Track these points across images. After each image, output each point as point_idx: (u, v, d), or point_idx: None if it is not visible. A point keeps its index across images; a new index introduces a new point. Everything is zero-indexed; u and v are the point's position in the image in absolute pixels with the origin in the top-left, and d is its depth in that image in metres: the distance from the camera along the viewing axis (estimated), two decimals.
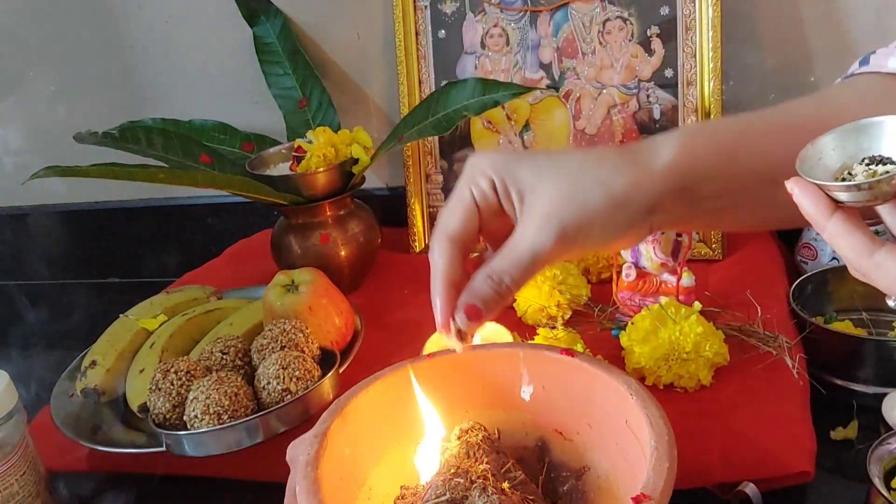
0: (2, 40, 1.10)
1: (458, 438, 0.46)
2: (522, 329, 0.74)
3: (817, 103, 0.47)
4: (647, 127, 0.88)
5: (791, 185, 0.37)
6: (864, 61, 0.49)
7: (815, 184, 0.37)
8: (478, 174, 0.42)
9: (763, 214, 0.46)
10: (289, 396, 0.57)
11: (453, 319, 0.42)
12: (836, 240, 0.37)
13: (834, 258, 0.77)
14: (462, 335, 0.43)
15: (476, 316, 0.42)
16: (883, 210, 0.37)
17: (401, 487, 0.46)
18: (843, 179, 0.37)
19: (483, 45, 0.91)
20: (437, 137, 0.94)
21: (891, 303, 0.37)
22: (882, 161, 0.36)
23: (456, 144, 0.95)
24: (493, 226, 0.44)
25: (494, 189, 0.42)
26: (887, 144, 0.37)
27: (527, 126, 0.92)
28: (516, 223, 0.42)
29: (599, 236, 0.42)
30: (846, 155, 0.38)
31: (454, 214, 0.43)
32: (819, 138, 0.38)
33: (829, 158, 0.38)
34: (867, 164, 0.36)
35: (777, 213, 0.41)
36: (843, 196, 0.36)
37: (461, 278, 0.43)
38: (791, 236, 0.84)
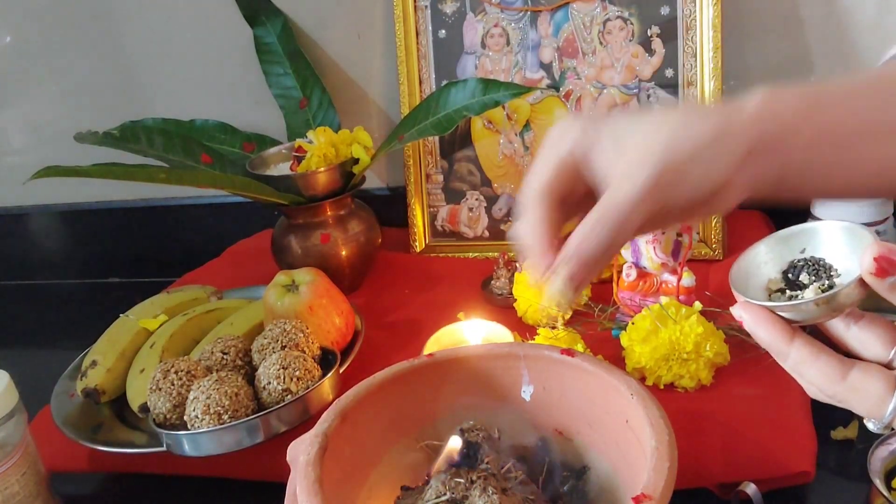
0: (2, 40, 1.10)
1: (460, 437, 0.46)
2: (522, 329, 0.74)
3: (880, 74, 0.42)
4: None
5: (739, 312, 0.35)
6: None
7: (766, 306, 0.34)
8: (566, 129, 0.39)
9: (856, 175, 0.40)
10: (289, 396, 0.57)
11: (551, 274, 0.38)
12: (802, 367, 0.34)
13: None
14: (565, 295, 0.38)
15: (584, 280, 0.38)
16: (837, 328, 0.34)
17: (401, 487, 0.46)
18: (783, 291, 0.35)
19: (483, 45, 0.91)
20: (437, 137, 0.94)
21: (871, 425, 0.35)
22: (818, 263, 0.35)
23: (456, 144, 0.95)
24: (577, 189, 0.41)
25: (583, 140, 0.39)
26: (823, 249, 0.35)
27: (527, 126, 0.92)
28: (609, 175, 0.38)
29: (697, 181, 0.37)
30: (782, 263, 0.36)
31: (544, 168, 0.39)
32: (749, 250, 0.37)
33: (762, 273, 0.36)
34: (808, 272, 0.35)
35: (867, 174, 0.38)
36: (797, 315, 0.33)
37: (557, 233, 0.39)
38: None
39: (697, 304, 0.68)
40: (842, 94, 0.39)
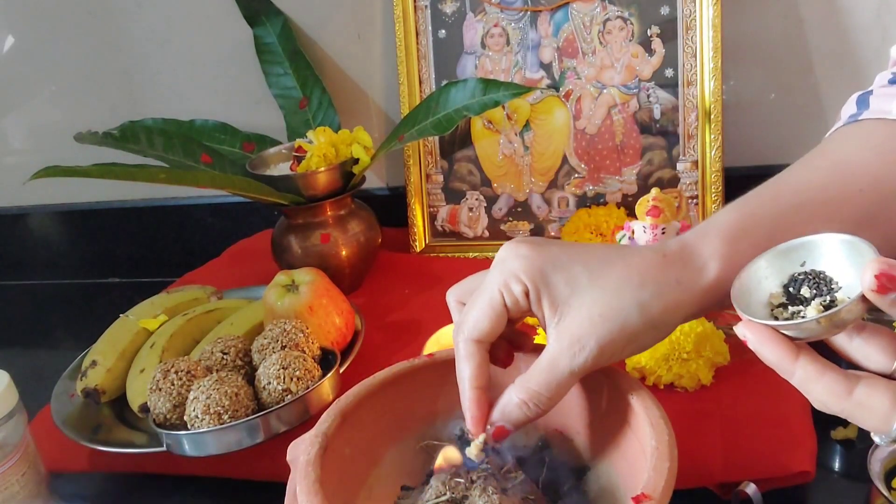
0: (2, 41, 1.10)
1: (459, 438, 0.46)
2: (522, 329, 0.74)
3: (832, 166, 0.44)
4: (647, 127, 0.88)
5: (743, 332, 0.35)
6: (863, 102, 0.47)
7: (770, 325, 0.34)
8: (511, 278, 0.41)
9: None
10: (289, 396, 0.57)
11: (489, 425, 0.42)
12: (808, 384, 0.34)
13: None
14: (488, 447, 0.42)
15: (504, 437, 0.42)
16: (839, 339, 0.34)
17: (401, 487, 0.46)
18: (785, 305, 0.35)
19: (483, 45, 0.91)
20: (437, 137, 0.94)
21: (878, 440, 0.35)
22: (818, 277, 0.35)
23: (456, 144, 0.95)
24: (517, 321, 0.44)
25: (527, 295, 0.41)
26: (824, 262, 0.35)
27: (527, 126, 0.92)
28: (547, 331, 0.41)
29: (631, 352, 0.41)
30: (782, 276, 0.36)
31: (484, 317, 0.42)
32: (749, 265, 0.37)
33: (763, 288, 0.36)
34: (808, 286, 0.35)
35: None
36: (800, 333, 0.34)
37: (488, 380, 0.42)
38: None
39: None
40: (790, 228, 0.40)
